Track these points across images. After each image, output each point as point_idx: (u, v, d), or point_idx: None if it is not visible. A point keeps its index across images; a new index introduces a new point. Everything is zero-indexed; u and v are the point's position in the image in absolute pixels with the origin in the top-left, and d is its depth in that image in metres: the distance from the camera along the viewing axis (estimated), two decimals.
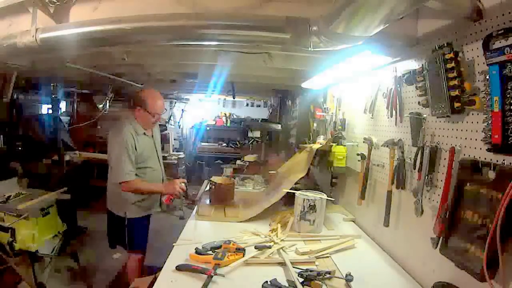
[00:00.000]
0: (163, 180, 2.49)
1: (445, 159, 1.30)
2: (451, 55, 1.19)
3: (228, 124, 7.40)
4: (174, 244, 1.70)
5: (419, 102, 1.45)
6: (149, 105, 2.25)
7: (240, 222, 2.10)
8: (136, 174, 2.23)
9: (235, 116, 7.57)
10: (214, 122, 7.34)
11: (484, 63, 1.07)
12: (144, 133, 2.32)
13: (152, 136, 2.43)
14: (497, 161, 1.05)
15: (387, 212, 1.69)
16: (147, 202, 2.37)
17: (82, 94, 5.82)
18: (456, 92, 1.18)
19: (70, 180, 3.85)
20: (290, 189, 2.12)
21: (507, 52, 0.97)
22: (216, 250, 1.58)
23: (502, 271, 0.95)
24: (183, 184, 2.30)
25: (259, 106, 7.60)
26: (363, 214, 2.13)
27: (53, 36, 1.55)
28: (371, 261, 1.67)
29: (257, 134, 6.58)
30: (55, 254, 2.69)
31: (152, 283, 1.58)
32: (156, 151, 2.46)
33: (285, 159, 3.35)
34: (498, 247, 0.93)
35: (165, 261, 1.51)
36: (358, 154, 2.03)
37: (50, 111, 4.94)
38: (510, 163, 1.00)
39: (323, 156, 2.38)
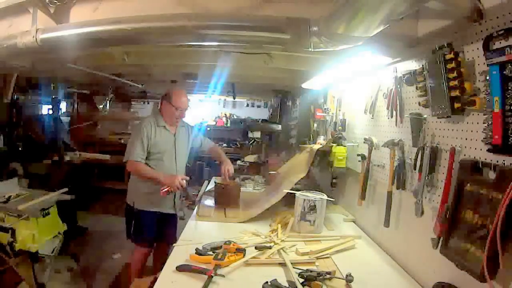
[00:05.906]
0: None
1: (445, 159, 1.30)
2: (452, 55, 1.19)
3: (228, 125, 7.38)
4: (174, 244, 1.70)
5: (419, 103, 1.45)
6: (173, 99, 2.41)
7: (241, 222, 2.10)
8: (147, 164, 2.34)
9: (235, 117, 7.54)
10: (214, 123, 7.32)
11: (484, 63, 1.07)
12: (165, 127, 2.44)
13: (175, 135, 2.50)
14: (497, 161, 1.05)
15: (387, 213, 1.69)
16: (154, 196, 2.36)
17: (83, 95, 5.83)
18: (457, 93, 1.18)
19: (70, 181, 3.85)
20: (291, 190, 2.12)
21: (508, 53, 0.97)
22: (216, 251, 1.58)
23: (502, 272, 0.95)
24: (184, 181, 2.28)
25: (259, 106, 7.58)
26: (364, 214, 2.13)
27: (54, 37, 1.55)
28: (372, 262, 1.67)
29: (257, 134, 6.57)
30: (55, 254, 2.69)
31: (152, 283, 1.58)
32: (175, 150, 2.49)
33: (286, 159, 3.34)
34: (498, 248, 0.93)
35: (165, 262, 1.51)
36: (358, 155, 2.03)
37: (51, 112, 4.94)
38: (511, 164, 1.00)
39: (323, 157, 2.37)
